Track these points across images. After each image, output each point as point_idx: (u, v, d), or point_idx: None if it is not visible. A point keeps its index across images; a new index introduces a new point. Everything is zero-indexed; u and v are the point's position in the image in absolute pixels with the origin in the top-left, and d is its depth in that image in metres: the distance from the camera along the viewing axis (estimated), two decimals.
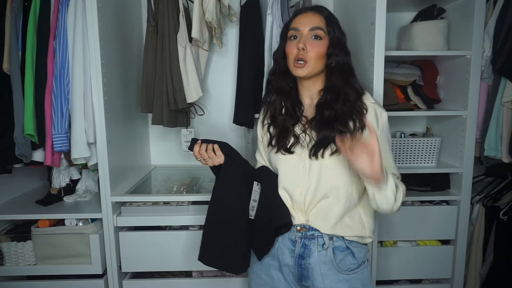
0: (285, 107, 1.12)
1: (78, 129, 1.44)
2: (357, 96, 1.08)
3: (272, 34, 1.62)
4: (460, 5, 1.71)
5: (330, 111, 1.05)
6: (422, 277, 1.82)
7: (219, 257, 1.13)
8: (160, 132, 2.05)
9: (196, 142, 1.13)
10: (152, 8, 1.65)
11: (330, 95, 1.07)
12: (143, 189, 1.69)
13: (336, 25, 1.08)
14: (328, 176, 1.05)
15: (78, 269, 1.52)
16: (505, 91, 1.60)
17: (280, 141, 1.10)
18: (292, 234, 1.10)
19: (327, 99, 1.07)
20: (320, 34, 1.05)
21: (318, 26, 1.05)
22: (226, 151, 1.13)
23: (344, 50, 1.08)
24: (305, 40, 1.05)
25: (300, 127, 1.10)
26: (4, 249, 1.53)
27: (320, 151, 1.04)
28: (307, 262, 1.08)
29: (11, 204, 1.68)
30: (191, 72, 1.64)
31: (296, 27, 1.07)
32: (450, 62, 1.80)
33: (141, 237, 1.54)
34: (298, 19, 1.09)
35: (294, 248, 1.09)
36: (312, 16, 1.07)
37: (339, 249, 1.08)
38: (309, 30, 1.05)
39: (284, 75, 1.13)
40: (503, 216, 1.81)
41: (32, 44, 1.43)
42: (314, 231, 1.08)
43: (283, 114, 1.12)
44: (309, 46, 1.04)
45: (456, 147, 1.74)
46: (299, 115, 1.11)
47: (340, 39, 1.07)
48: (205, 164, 1.14)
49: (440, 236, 1.77)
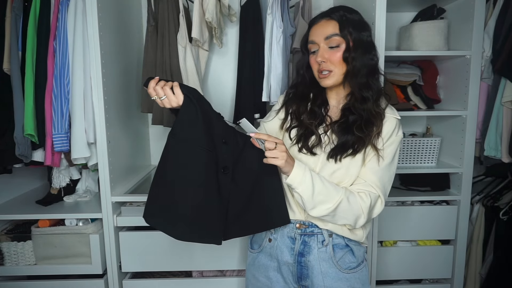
0: (311, 108, 1.11)
1: (78, 129, 1.44)
2: (375, 99, 1.05)
3: (272, 34, 1.62)
4: (460, 5, 1.71)
5: (354, 116, 1.04)
6: (422, 277, 1.82)
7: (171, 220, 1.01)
8: (160, 132, 2.05)
9: (152, 78, 0.98)
10: (152, 8, 1.65)
11: (353, 99, 1.06)
12: (143, 189, 1.69)
13: (352, 25, 1.03)
14: (337, 178, 1.05)
15: (78, 269, 1.52)
16: (505, 91, 1.60)
17: (304, 141, 1.08)
18: (291, 231, 1.10)
19: (350, 103, 1.06)
20: (336, 41, 1.02)
21: (332, 33, 1.02)
22: (187, 91, 0.97)
23: (363, 50, 1.04)
24: (323, 52, 1.03)
25: (324, 128, 1.09)
26: (4, 249, 1.53)
27: (338, 155, 1.03)
28: (307, 259, 1.08)
29: (11, 204, 1.68)
30: (191, 72, 1.64)
31: (313, 39, 1.06)
32: (450, 62, 1.80)
33: (141, 237, 1.54)
34: (313, 30, 1.07)
35: (294, 245, 1.09)
36: (325, 24, 1.04)
37: (338, 246, 1.08)
38: (325, 40, 1.03)
39: (311, 83, 1.12)
40: (503, 216, 1.81)
41: (32, 44, 1.43)
42: (313, 228, 1.08)
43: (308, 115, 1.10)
44: (328, 55, 1.03)
45: (456, 147, 1.74)
46: (324, 115, 1.10)
47: (357, 39, 1.03)
48: (161, 105, 0.99)
49: (440, 236, 1.77)
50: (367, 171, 1.04)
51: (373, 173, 1.03)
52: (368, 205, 1.01)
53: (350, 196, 1.01)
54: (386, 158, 1.04)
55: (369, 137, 1.02)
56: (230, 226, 1.05)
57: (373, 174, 1.03)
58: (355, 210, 1.01)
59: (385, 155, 1.03)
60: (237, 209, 1.05)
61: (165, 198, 1.02)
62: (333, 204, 0.99)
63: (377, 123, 1.03)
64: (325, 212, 1.00)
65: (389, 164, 1.05)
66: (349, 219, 1.02)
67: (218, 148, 1.02)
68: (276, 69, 1.63)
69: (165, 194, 1.02)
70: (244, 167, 1.06)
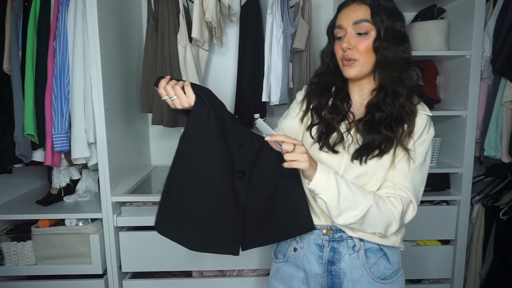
0: (333, 102, 1.02)
1: (78, 129, 1.44)
2: (408, 95, 0.95)
3: (272, 34, 1.62)
4: (460, 5, 1.71)
5: (381, 114, 0.94)
6: (422, 277, 1.82)
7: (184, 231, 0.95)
8: (160, 132, 2.05)
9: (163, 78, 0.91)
10: (152, 8, 1.65)
11: (380, 94, 0.96)
12: (143, 189, 1.69)
13: (385, 12, 0.94)
14: (362, 182, 0.96)
15: (78, 269, 1.52)
16: (505, 91, 1.61)
17: (325, 138, 0.98)
18: (318, 238, 1.00)
19: (377, 99, 0.96)
20: (366, 28, 0.93)
21: (363, 18, 0.92)
22: (199, 91, 0.89)
23: (396, 40, 0.94)
24: (350, 38, 0.94)
25: (346, 125, 0.99)
26: (4, 249, 1.53)
27: (364, 156, 0.94)
28: (337, 267, 0.98)
29: (11, 204, 1.68)
30: (191, 72, 1.64)
31: (340, 24, 0.96)
32: (450, 62, 1.80)
33: (141, 237, 1.54)
34: (341, 14, 0.97)
35: (322, 253, 1.00)
36: (355, 9, 0.94)
37: (371, 251, 0.98)
38: (353, 25, 0.93)
39: (335, 74, 1.02)
40: (503, 216, 1.81)
41: (32, 44, 1.43)
42: (342, 233, 0.98)
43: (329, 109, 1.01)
44: (354, 42, 0.93)
45: (456, 147, 1.74)
46: (347, 110, 1.00)
47: (390, 28, 0.93)
48: (172, 105, 0.92)
49: (440, 236, 1.77)
50: (397, 173, 0.94)
51: (404, 176, 0.93)
52: (400, 211, 0.91)
53: (380, 201, 0.91)
54: (417, 159, 0.94)
55: (398, 137, 0.93)
56: (248, 235, 0.97)
57: (403, 176, 0.93)
58: (385, 217, 0.91)
59: (416, 155, 0.94)
60: (255, 216, 0.97)
61: (177, 205, 0.95)
62: (361, 210, 0.89)
63: (410, 121, 0.94)
64: (352, 220, 0.90)
65: (421, 164, 0.95)
66: (379, 227, 0.92)
67: (233, 151, 0.94)
68: (276, 69, 1.63)
69: (177, 202, 0.95)
70: (262, 171, 0.97)
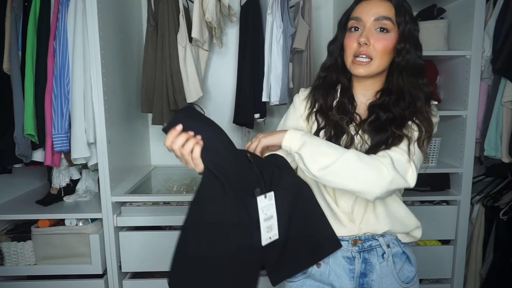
0: (339, 101, 0.96)
1: (78, 129, 1.44)
2: (426, 100, 0.91)
3: (272, 34, 1.63)
4: (460, 5, 1.71)
5: (388, 114, 0.90)
6: (422, 277, 1.82)
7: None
8: (160, 132, 2.05)
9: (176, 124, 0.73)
10: (152, 8, 1.65)
11: (391, 96, 0.92)
12: (143, 189, 1.69)
13: (408, 13, 0.90)
14: None
15: (78, 269, 1.52)
16: (505, 91, 1.60)
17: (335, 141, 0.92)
18: (347, 251, 0.94)
19: (386, 101, 0.92)
20: (388, 26, 0.87)
21: (386, 15, 0.87)
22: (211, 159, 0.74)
23: (416, 45, 0.91)
24: (368, 33, 0.87)
25: (354, 127, 0.94)
26: (4, 249, 1.53)
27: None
28: (370, 279, 0.94)
29: (11, 204, 1.68)
30: (191, 72, 1.64)
31: (358, 16, 0.89)
32: (450, 62, 1.80)
33: (141, 237, 1.54)
34: (361, 6, 0.90)
35: (353, 266, 0.94)
36: (378, 4, 0.88)
37: (397, 255, 0.97)
38: (374, 21, 0.87)
39: (342, 69, 0.97)
40: (503, 216, 1.81)
41: (32, 44, 1.43)
42: (371, 241, 0.94)
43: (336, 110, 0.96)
44: (373, 40, 0.87)
45: (456, 147, 1.74)
46: (353, 112, 0.95)
47: (412, 31, 0.90)
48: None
49: (440, 236, 1.77)
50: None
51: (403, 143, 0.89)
52: (389, 160, 0.83)
53: (361, 154, 0.84)
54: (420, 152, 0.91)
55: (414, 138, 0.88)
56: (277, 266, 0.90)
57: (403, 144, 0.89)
58: (369, 162, 0.82)
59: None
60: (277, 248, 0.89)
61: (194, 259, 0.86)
62: (339, 154, 0.83)
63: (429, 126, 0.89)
64: (328, 162, 0.82)
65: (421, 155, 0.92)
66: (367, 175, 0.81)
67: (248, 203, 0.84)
68: (276, 69, 1.63)
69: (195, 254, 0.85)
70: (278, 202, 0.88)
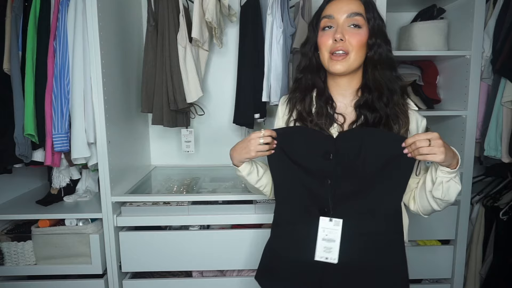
0: (317, 105, 0.98)
1: (78, 129, 1.44)
2: (402, 94, 0.95)
3: (272, 34, 1.63)
4: (460, 5, 1.71)
5: (375, 114, 0.93)
6: (422, 277, 1.82)
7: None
8: (160, 132, 2.05)
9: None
10: (152, 8, 1.65)
11: (372, 93, 0.94)
12: (143, 189, 1.69)
13: (376, 10, 0.94)
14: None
15: (78, 269, 1.52)
16: (505, 91, 1.60)
17: None
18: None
19: (369, 99, 0.94)
20: (359, 22, 0.91)
21: (357, 12, 0.91)
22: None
23: (385, 39, 0.95)
24: (343, 29, 0.91)
25: (337, 128, 0.96)
26: (4, 249, 1.53)
27: None
28: None
29: (11, 204, 1.68)
30: (191, 72, 1.64)
31: (331, 14, 0.92)
32: (450, 62, 1.80)
33: (141, 237, 1.54)
34: (332, 5, 0.94)
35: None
36: (349, 1, 0.92)
37: None
38: (347, 17, 0.91)
39: (317, 70, 0.99)
40: (503, 216, 1.81)
41: (32, 44, 1.43)
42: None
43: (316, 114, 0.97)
44: (348, 35, 0.90)
45: (456, 147, 1.71)
46: (333, 113, 0.97)
47: (381, 27, 0.94)
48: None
49: (440, 236, 1.77)
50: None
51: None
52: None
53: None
54: None
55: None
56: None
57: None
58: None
59: None
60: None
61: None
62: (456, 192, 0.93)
63: (406, 118, 0.94)
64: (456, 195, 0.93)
65: None
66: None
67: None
68: (276, 69, 1.63)
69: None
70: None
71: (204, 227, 1.61)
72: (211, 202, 1.57)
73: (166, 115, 1.68)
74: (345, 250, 0.90)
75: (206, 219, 1.54)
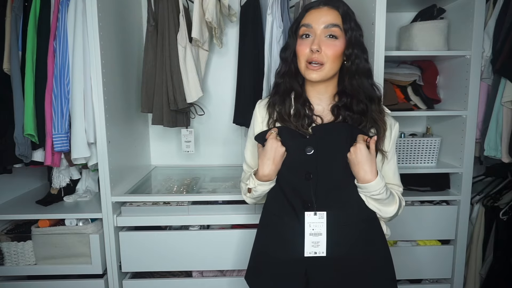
0: (295, 108, 1.01)
1: (78, 129, 1.44)
2: (378, 100, 1.01)
3: (272, 34, 1.63)
4: (460, 5, 1.71)
5: (351, 114, 0.98)
6: (422, 277, 1.81)
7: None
8: (160, 132, 2.05)
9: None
10: (152, 8, 1.65)
11: (349, 98, 0.99)
12: (143, 189, 1.69)
13: (353, 20, 0.97)
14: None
15: (78, 269, 1.52)
16: (505, 91, 1.60)
17: None
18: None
19: (347, 102, 0.99)
20: (336, 33, 0.94)
21: (334, 23, 0.94)
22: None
23: (362, 49, 0.98)
24: (319, 40, 0.94)
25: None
26: (4, 249, 1.53)
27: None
28: None
29: (11, 204, 1.68)
30: (191, 72, 1.64)
31: (309, 23, 0.96)
32: (450, 62, 1.80)
33: (141, 237, 1.54)
34: (311, 14, 0.96)
35: None
36: (327, 12, 0.95)
37: None
38: (324, 28, 0.94)
39: (296, 75, 1.03)
40: (503, 216, 1.81)
41: (32, 44, 1.43)
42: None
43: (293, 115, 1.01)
44: (324, 46, 0.94)
45: (456, 147, 1.74)
46: (311, 115, 1.01)
47: (358, 37, 0.97)
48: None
49: (440, 236, 1.77)
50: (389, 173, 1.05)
51: (394, 174, 1.06)
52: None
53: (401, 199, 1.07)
54: (394, 155, 1.06)
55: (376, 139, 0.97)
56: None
57: (394, 175, 1.06)
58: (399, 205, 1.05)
59: (392, 152, 1.04)
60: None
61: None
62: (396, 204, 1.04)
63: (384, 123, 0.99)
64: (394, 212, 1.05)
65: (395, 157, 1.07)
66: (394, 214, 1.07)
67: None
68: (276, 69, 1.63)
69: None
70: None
71: (204, 227, 1.61)
72: (211, 202, 1.57)
73: (166, 115, 1.68)
74: (331, 242, 0.97)
75: (206, 219, 1.54)
